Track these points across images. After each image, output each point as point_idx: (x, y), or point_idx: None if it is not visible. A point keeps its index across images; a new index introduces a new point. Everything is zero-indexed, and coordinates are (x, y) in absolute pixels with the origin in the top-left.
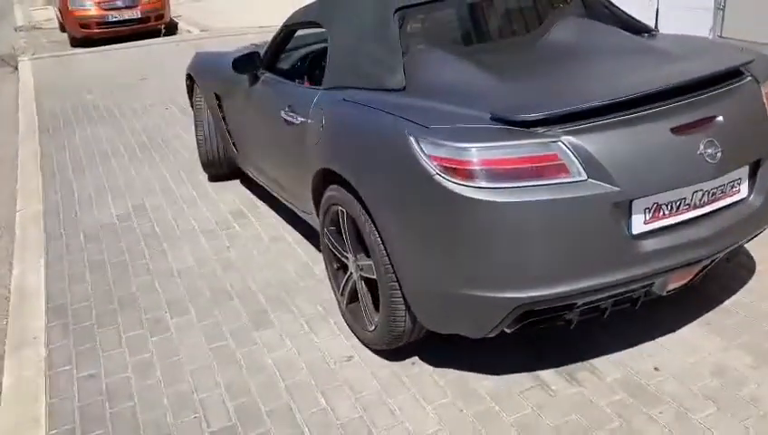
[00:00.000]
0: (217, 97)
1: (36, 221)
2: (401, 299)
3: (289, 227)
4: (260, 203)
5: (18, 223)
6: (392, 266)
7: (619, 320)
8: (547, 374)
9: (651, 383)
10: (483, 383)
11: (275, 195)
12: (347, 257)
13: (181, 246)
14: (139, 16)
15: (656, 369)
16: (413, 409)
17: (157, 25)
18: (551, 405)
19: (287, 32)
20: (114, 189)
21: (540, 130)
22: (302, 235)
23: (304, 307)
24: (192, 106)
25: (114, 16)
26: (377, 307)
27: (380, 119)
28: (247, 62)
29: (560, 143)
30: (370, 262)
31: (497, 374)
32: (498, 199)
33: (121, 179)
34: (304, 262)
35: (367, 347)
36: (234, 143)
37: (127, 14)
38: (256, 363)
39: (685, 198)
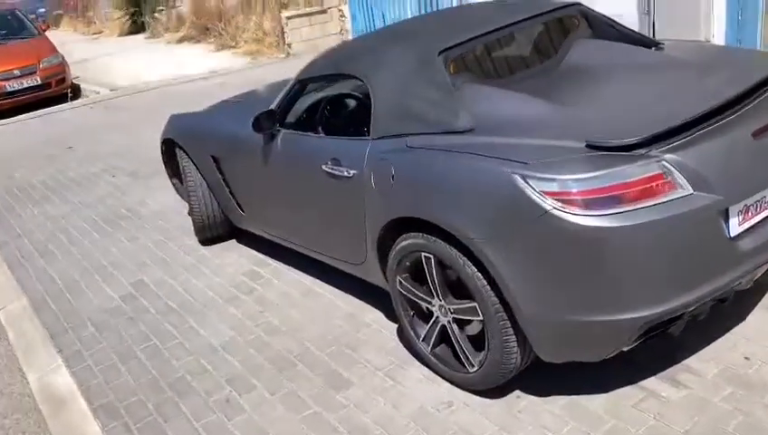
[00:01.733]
0: (215, 159)
1: (28, 318)
2: (513, 336)
3: (317, 281)
4: (271, 260)
5: (7, 323)
6: (502, 304)
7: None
8: (650, 383)
9: (751, 372)
10: (595, 403)
11: (299, 249)
12: (430, 302)
13: (209, 318)
14: (40, 82)
15: (746, 358)
16: None
17: (60, 90)
18: (670, 411)
19: (301, 86)
20: (100, 270)
21: (640, 151)
22: (334, 286)
23: (375, 360)
24: (170, 173)
25: (12, 86)
26: (476, 348)
27: (471, 162)
28: (268, 121)
29: (663, 162)
30: (467, 304)
31: (604, 392)
32: (616, 225)
33: (104, 258)
34: (350, 313)
35: (462, 389)
36: (239, 204)
37: (26, 82)
38: (357, 426)
39: (765, 196)
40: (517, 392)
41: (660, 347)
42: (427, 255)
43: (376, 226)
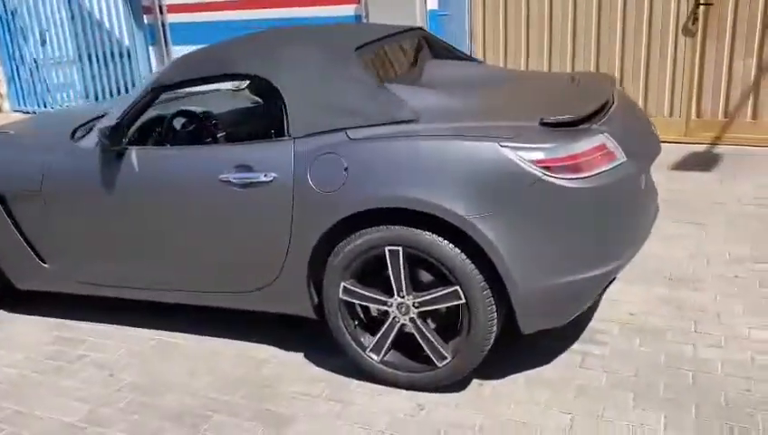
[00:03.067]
0: (3, 200)
1: None
2: (496, 313)
3: (165, 332)
4: (80, 323)
5: None
6: (487, 283)
7: None
8: (578, 347)
9: (641, 323)
10: (549, 373)
11: (148, 295)
12: (385, 303)
13: (39, 398)
14: None
15: (631, 314)
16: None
17: None
18: (611, 363)
19: (155, 95)
20: None
21: (585, 126)
22: (192, 332)
23: (304, 389)
24: None
25: None
26: (446, 339)
27: (449, 143)
28: (117, 137)
29: (606, 134)
30: (442, 291)
31: (549, 363)
32: (593, 185)
33: None
34: (235, 354)
35: (422, 391)
36: (38, 253)
37: None
38: None
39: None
40: (477, 382)
41: None
42: (392, 248)
43: (312, 231)
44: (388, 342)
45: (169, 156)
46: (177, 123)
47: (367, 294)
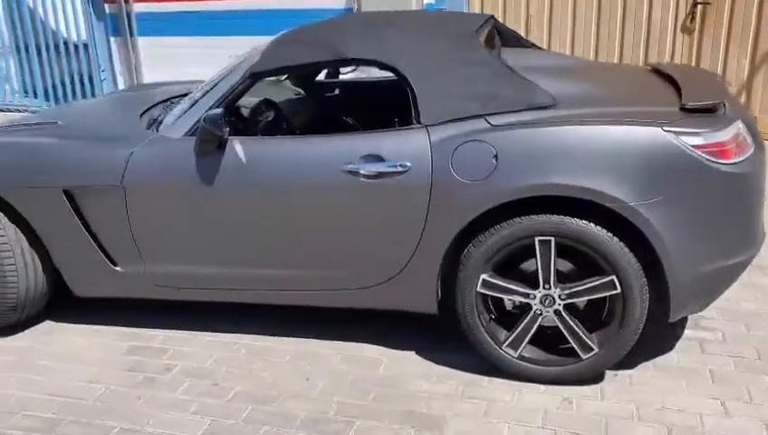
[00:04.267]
0: (70, 197)
1: None
2: (647, 301)
3: (245, 336)
4: (152, 330)
5: None
6: (643, 271)
7: None
8: (690, 333)
9: None
10: (675, 361)
11: (246, 296)
12: (528, 295)
13: (126, 413)
14: None
15: None
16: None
17: None
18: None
19: (253, 81)
20: None
21: (722, 112)
22: (285, 335)
23: (435, 388)
24: None
25: None
26: (590, 330)
27: (609, 129)
28: (222, 126)
29: (740, 121)
30: (597, 281)
31: (672, 349)
32: (748, 170)
33: None
34: (347, 356)
35: (560, 384)
36: (110, 255)
37: None
38: None
39: None
40: (611, 372)
41: None
42: (544, 238)
43: (453, 222)
44: (528, 336)
45: (283, 146)
46: (286, 112)
47: (509, 286)
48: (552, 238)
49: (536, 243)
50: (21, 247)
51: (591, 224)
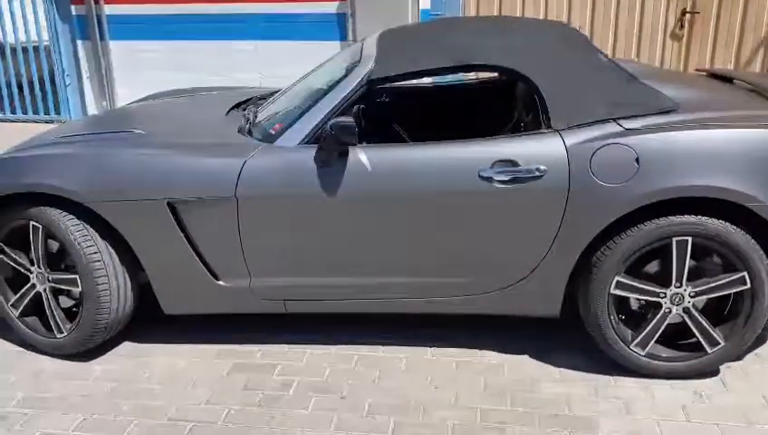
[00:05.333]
0: (174, 210)
1: None
2: None
3: (365, 347)
4: (252, 346)
5: None
6: None
7: None
8: None
9: None
10: None
11: (357, 306)
12: (658, 295)
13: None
14: None
15: None
16: None
17: None
18: None
19: (369, 88)
20: None
21: None
22: (397, 345)
23: (572, 391)
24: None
25: None
26: (715, 324)
27: (746, 132)
28: (352, 133)
29: None
30: (726, 279)
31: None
32: None
33: None
34: (464, 362)
35: (681, 378)
36: (212, 268)
37: None
38: None
39: None
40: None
41: None
42: (680, 238)
43: (591, 225)
44: (657, 334)
45: (413, 153)
46: (404, 119)
47: (642, 286)
48: (689, 238)
49: (673, 243)
50: (113, 266)
51: (727, 223)
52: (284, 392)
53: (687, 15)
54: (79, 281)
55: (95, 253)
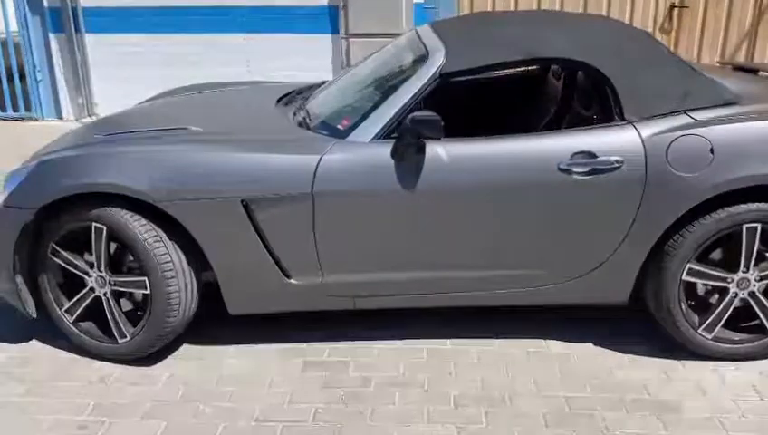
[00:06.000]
0: (248, 208)
1: None
2: None
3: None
4: (339, 343)
5: None
6: None
7: None
8: None
9: None
10: None
11: (429, 300)
12: (725, 279)
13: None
14: None
15: None
16: None
17: None
18: None
19: (443, 81)
20: None
21: None
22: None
23: (644, 375)
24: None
25: None
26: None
27: None
28: (438, 129)
29: None
30: None
31: None
32: None
33: None
34: (562, 353)
35: (739, 360)
36: (283, 266)
37: None
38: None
39: None
40: None
41: None
42: (750, 225)
43: (666, 214)
44: (724, 318)
45: (492, 147)
46: (473, 112)
47: (712, 272)
48: (759, 225)
49: (744, 230)
50: (182, 266)
51: None
52: (365, 388)
53: (676, 10)
54: (147, 283)
55: (165, 254)
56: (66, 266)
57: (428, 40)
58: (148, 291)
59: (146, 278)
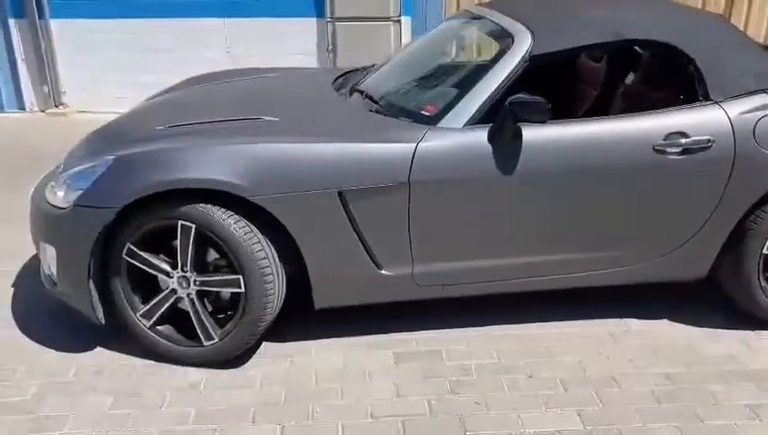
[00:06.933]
0: (343, 199)
1: None
2: None
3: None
4: (405, 334)
5: None
6: None
7: None
8: None
9: None
10: None
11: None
12: None
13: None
14: None
15: None
16: None
17: None
18: None
19: (533, 64)
20: None
21: None
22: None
23: (730, 350)
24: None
25: None
26: None
27: None
28: (545, 113)
29: None
30: None
31: None
32: None
33: None
34: (643, 330)
35: None
36: (373, 255)
37: None
38: None
39: None
40: None
41: None
42: None
43: (752, 192)
44: None
45: (588, 129)
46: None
47: None
48: None
49: None
50: (275, 262)
51: None
52: (468, 377)
53: None
54: (242, 281)
55: (260, 250)
56: (144, 268)
57: (505, 22)
58: (241, 289)
59: (239, 276)
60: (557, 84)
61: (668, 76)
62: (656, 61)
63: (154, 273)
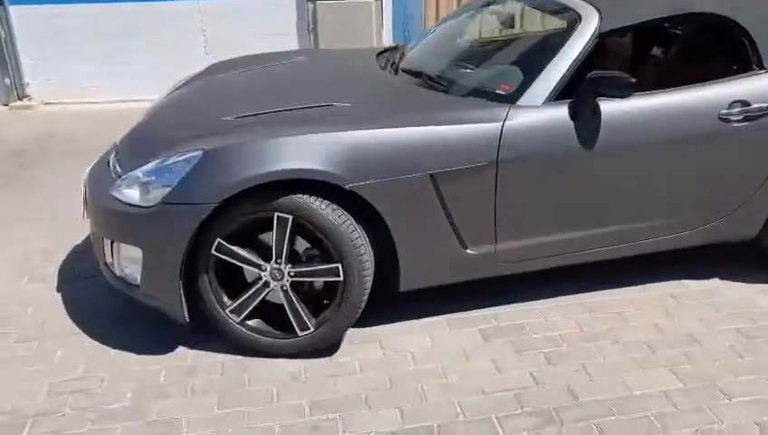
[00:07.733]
0: (435, 182)
1: None
2: None
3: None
4: (480, 314)
5: None
6: None
7: None
8: None
9: None
10: None
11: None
12: None
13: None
14: None
15: None
16: None
17: None
18: None
19: (600, 40)
20: None
21: None
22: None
23: None
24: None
25: None
26: None
27: None
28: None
29: None
30: None
31: None
32: None
33: None
34: (700, 290)
35: None
36: (461, 236)
37: None
38: None
39: None
40: None
41: None
42: None
43: None
44: None
45: (658, 101)
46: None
47: None
48: None
49: None
50: (368, 249)
51: None
52: (559, 348)
53: None
54: (341, 269)
55: (358, 237)
56: (234, 262)
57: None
58: (340, 278)
59: (338, 265)
60: (614, 60)
61: (721, 48)
62: (708, 33)
63: (245, 267)
